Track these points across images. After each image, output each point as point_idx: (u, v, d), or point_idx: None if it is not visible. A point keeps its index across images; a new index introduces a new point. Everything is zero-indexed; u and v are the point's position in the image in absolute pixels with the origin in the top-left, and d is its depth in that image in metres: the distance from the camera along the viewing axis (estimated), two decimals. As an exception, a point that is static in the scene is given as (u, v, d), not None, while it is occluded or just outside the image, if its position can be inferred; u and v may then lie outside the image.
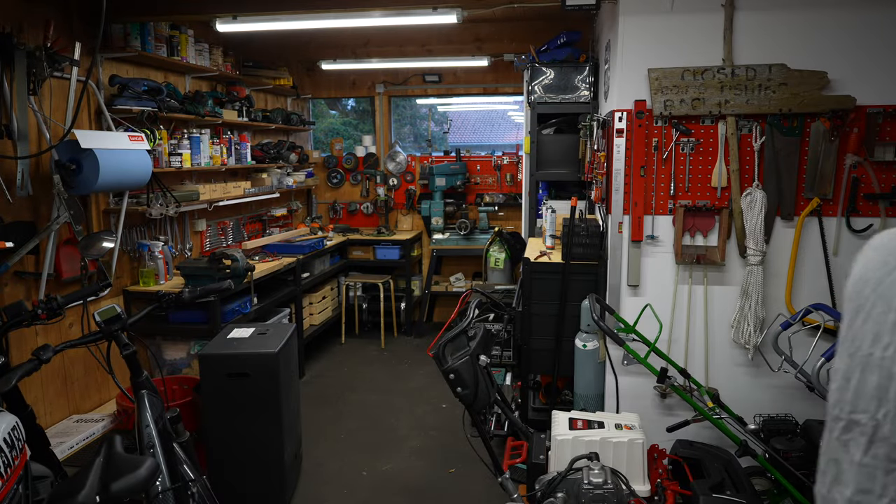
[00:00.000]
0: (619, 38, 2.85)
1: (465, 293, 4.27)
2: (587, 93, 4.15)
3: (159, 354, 3.81)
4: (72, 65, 3.17)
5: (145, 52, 3.76)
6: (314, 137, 6.55)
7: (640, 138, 2.84)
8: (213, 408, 2.92)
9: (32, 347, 2.13)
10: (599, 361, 3.00)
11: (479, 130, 7.83)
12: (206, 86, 4.74)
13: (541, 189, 4.52)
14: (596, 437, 2.42)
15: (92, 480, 1.60)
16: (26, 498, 1.74)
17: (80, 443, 3.23)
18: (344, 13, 3.61)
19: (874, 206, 2.72)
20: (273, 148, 5.34)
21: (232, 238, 4.97)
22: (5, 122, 2.92)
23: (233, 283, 3.44)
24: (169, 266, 3.97)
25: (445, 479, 3.40)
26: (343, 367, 5.14)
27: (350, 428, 4.02)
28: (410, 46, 5.41)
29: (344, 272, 5.93)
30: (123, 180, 3.33)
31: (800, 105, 2.68)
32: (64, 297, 2.31)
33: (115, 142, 3.27)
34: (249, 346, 2.94)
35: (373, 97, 6.24)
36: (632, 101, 2.84)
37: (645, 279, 2.96)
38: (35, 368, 1.93)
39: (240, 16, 3.71)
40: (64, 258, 3.35)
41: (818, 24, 2.67)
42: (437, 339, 2.58)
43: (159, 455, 2.12)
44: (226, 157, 4.59)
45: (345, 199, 6.39)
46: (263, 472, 2.97)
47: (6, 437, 1.68)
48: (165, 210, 3.81)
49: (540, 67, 4.22)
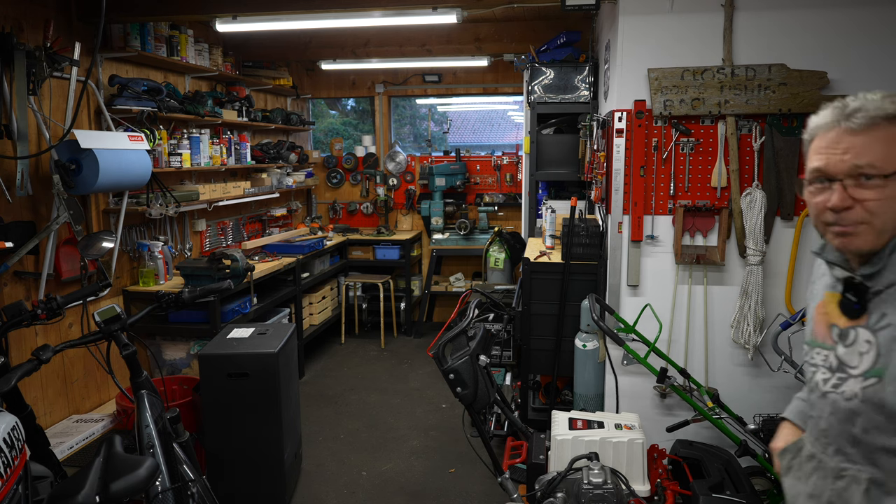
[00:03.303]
0: (619, 38, 2.85)
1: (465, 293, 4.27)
2: (587, 93, 4.15)
3: (159, 354, 3.81)
4: (71, 65, 3.17)
5: (145, 52, 3.76)
6: (314, 137, 6.55)
7: (640, 138, 2.84)
8: (213, 408, 2.92)
9: (32, 347, 2.13)
10: (599, 361, 3.00)
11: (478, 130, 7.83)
12: (206, 86, 4.74)
13: (541, 189, 4.52)
14: (596, 437, 2.42)
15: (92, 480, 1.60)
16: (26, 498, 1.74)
17: (79, 443, 3.23)
18: (344, 13, 3.61)
19: (874, 206, 2.72)
20: (273, 148, 5.34)
21: (232, 238, 4.97)
22: (5, 122, 2.92)
23: (232, 283, 3.44)
24: (169, 266, 3.97)
25: (445, 479, 3.40)
26: (343, 367, 5.14)
27: (350, 428, 4.02)
28: (410, 46, 5.41)
29: (344, 272, 5.93)
30: (123, 180, 3.33)
31: (799, 105, 2.68)
32: (64, 297, 2.31)
33: (114, 142, 3.26)
34: (249, 346, 2.94)
35: (373, 97, 6.24)
36: (632, 101, 2.84)
37: (645, 279, 2.96)
38: (35, 368, 1.93)
39: (240, 16, 3.71)
40: (64, 258, 3.35)
41: (818, 24, 2.67)
42: (436, 339, 2.58)
43: (159, 455, 2.12)
44: (225, 157, 4.59)
45: (345, 199, 6.38)
46: (263, 472, 2.97)
47: (6, 438, 1.68)
48: (165, 210, 3.81)
49: (540, 67, 4.22)
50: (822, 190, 1.16)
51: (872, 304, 1.16)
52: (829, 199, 1.14)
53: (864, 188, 1.11)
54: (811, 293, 1.39)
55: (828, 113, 1.18)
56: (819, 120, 1.20)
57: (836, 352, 1.21)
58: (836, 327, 1.22)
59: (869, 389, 1.13)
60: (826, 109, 1.20)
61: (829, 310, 1.25)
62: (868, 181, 1.11)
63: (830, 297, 1.25)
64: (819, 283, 1.34)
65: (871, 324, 1.15)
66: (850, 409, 1.16)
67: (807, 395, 1.33)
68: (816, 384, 1.25)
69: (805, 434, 1.34)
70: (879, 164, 1.10)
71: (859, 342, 1.16)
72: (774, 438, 1.47)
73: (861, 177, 1.11)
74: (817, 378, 1.24)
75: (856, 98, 1.16)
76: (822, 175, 1.16)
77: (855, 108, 1.13)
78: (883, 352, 1.12)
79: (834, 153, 1.14)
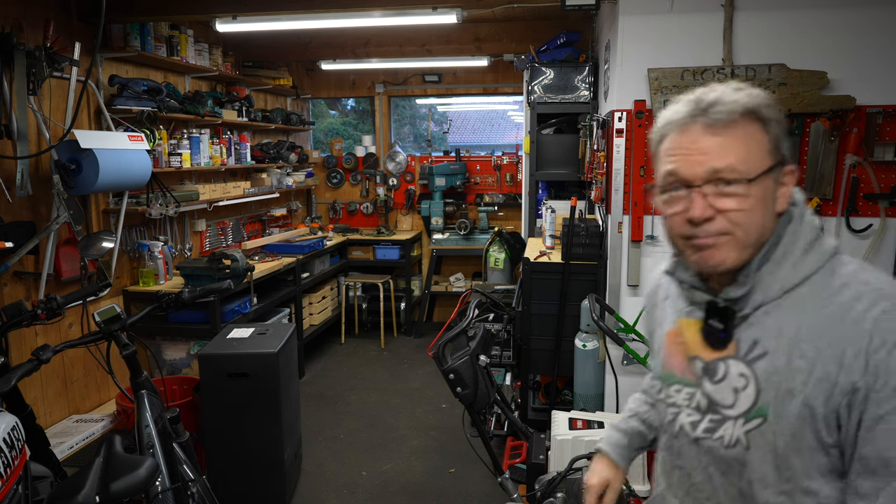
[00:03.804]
0: (619, 38, 2.85)
1: (465, 293, 4.27)
2: (587, 93, 4.15)
3: (159, 354, 3.81)
4: (71, 65, 3.17)
5: (145, 52, 3.76)
6: (314, 137, 6.55)
7: (640, 138, 2.84)
8: (213, 408, 2.92)
9: (32, 347, 2.13)
10: (599, 361, 3.00)
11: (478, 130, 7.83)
12: (206, 86, 4.74)
13: (540, 189, 4.52)
14: (596, 437, 2.42)
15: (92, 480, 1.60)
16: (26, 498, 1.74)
17: (79, 443, 3.23)
18: (344, 13, 3.61)
19: (874, 206, 2.72)
20: (273, 148, 5.34)
21: (232, 238, 4.97)
22: (5, 122, 2.92)
23: (232, 283, 3.44)
24: (169, 266, 3.97)
25: (445, 479, 3.40)
26: (343, 367, 5.13)
27: (350, 428, 4.02)
28: (410, 46, 5.41)
29: (344, 272, 5.93)
30: (123, 180, 3.33)
31: (800, 105, 2.67)
32: (63, 297, 2.31)
33: (114, 142, 3.26)
34: (249, 346, 2.94)
35: (373, 97, 6.24)
36: (632, 101, 2.84)
37: (645, 279, 2.96)
38: (35, 369, 1.93)
39: (239, 16, 3.71)
40: (63, 258, 3.35)
41: (818, 24, 2.66)
42: (436, 339, 2.58)
43: (159, 455, 2.12)
44: (225, 157, 4.59)
45: (344, 199, 6.38)
46: (263, 472, 2.97)
47: (6, 438, 1.68)
48: (165, 210, 3.81)
49: (540, 67, 4.22)
50: (677, 199, 0.99)
51: (740, 331, 1.00)
52: (687, 210, 0.97)
53: (725, 196, 0.95)
54: (654, 319, 1.23)
55: (680, 107, 1.00)
56: (670, 115, 1.02)
57: (704, 389, 1.03)
58: (698, 360, 1.05)
59: (754, 433, 0.96)
60: (677, 103, 1.02)
61: (687, 339, 1.08)
62: (728, 187, 0.94)
63: (688, 325, 1.08)
64: (666, 307, 1.17)
65: (742, 354, 0.99)
66: (734, 457, 0.98)
67: (666, 440, 1.13)
68: (682, 428, 1.06)
69: (662, 488, 1.17)
70: (741, 168, 0.94)
71: (731, 377, 0.99)
72: (589, 472, 1.34)
73: (721, 182, 0.95)
74: (682, 421, 1.06)
75: (712, 88, 0.99)
76: (678, 181, 0.98)
77: (711, 100, 0.97)
78: (763, 386, 0.95)
79: (690, 155, 0.97)
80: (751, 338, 0.98)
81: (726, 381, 1.00)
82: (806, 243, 0.98)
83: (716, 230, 0.96)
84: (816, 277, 0.97)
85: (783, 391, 0.93)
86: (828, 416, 0.90)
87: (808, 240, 0.98)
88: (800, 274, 0.97)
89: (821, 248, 0.98)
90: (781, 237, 0.98)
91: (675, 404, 1.08)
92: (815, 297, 0.95)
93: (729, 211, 0.95)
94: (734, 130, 0.95)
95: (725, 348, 1.01)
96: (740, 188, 0.94)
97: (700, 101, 0.97)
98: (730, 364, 1.00)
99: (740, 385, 0.98)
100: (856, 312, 0.90)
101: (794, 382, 0.92)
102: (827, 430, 0.91)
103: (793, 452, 0.93)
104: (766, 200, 0.96)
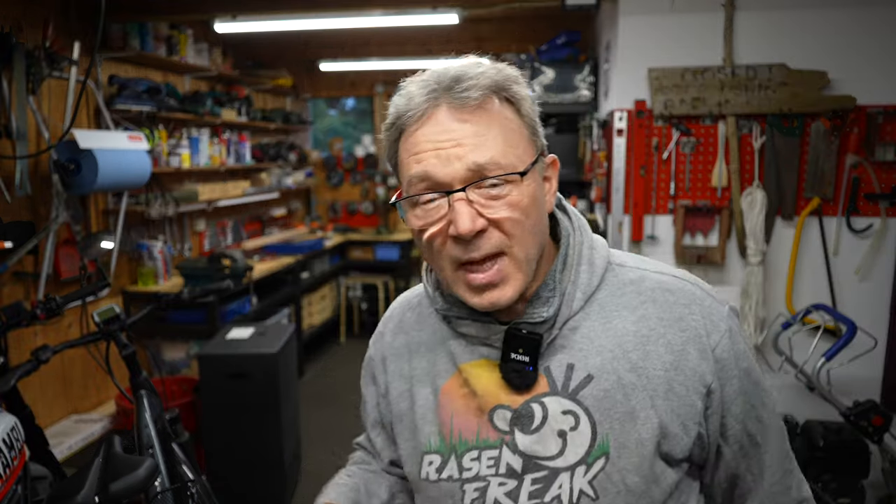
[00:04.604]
0: (619, 38, 2.84)
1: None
2: (587, 92, 4.15)
3: (158, 355, 3.80)
4: (71, 64, 3.16)
5: (144, 52, 3.76)
6: (313, 137, 6.55)
7: (640, 138, 2.84)
8: (213, 408, 2.92)
9: (31, 348, 2.12)
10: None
11: (478, 130, 7.87)
12: (206, 86, 4.73)
13: (540, 189, 4.51)
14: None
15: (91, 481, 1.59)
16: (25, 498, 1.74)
17: (79, 443, 3.23)
18: (344, 13, 3.60)
19: (874, 206, 2.72)
20: (272, 148, 5.34)
21: (231, 238, 4.97)
22: (4, 122, 2.91)
23: (232, 283, 3.43)
24: (168, 266, 3.97)
25: (445, 479, 3.39)
26: (343, 366, 5.13)
27: (350, 428, 4.01)
28: (410, 46, 5.40)
29: (343, 272, 5.92)
30: (122, 180, 3.32)
31: (800, 105, 2.67)
32: (63, 297, 2.31)
33: (114, 142, 3.26)
34: (249, 347, 2.93)
35: (372, 97, 6.24)
36: (632, 101, 2.84)
37: (645, 279, 2.96)
38: (34, 369, 1.92)
39: (239, 16, 3.70)
40: (63, 258, 3.34)
41: (818, 24, 2.66)
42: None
43: (158, 455, 2.11)
44: (225, 157, 4.58)
45: (344, 199, 6.38)
46: (263, 473, 2.96)
47: (5, 438, 1.68)
48: (164, 210, 3.81)
49: (540, 67, 4.22)
50: (433, 212, 0.75)
51: (545, 359, 0.80)
52: (451, 225, 0.74)
53: (494, 199, 0.74)
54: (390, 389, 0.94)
55: (414, 89, 0.76)
56: (404, 102, 0.76)
57: (516, 446, 0.80)
58: (503, 410, 0.81)
59: (601, 478, 0.76)
60: (412, 85, 0.77)
61: (479, 390, 0.83)
62: (496, 189, 0.73)
63: (479, 371, 0.83)
64: (422, 360, 0.89)
65: (559, 387, 0.79)
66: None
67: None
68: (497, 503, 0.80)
69: None
70: (504, 162, 0.73)
71: (553, 418, 0.78)
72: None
73: (487, 183, 0.73)
74: (494, 495, 0.80)
75: (449, 62, 0.77)
76: (432, 186, 0.74)
77: (455, 75, 0.74)
78: (598, 417, 0.77)
79: (441, 149, 0.73)
80: (563, 363, 0.80)
81: (547, 426, 0.78)
82: (589, 240, 0.85)
83: (492, 247, 0.74)
84: (608, 276, 0.84)
85: (621, 415, 0.77)
86: (682, 430, 0.77)
87: (589, 236, 0.85)
88: (597, 274, 0.82)
89: (598, 241, 0.86)
90: (568, 239, 0.84)
91: (476, 477, 0.81)
92: (618, 298, 0.82)
93: (503, 220, 0.74)
94: (488, 113, 0.75)
95: (534, 386, 0.80)
96: (511, 188, 0.74)
97: (441, 79, 0.75)
98: (547, 403, 0.79)
99: (569, 425, 0.78)
100: (678, 309, 0.82)
101: (631, 401, 0.77)
102: (681, 447, 0.78)
103: (652, 485, 0.76)
104: (538, 201, 0.78)
